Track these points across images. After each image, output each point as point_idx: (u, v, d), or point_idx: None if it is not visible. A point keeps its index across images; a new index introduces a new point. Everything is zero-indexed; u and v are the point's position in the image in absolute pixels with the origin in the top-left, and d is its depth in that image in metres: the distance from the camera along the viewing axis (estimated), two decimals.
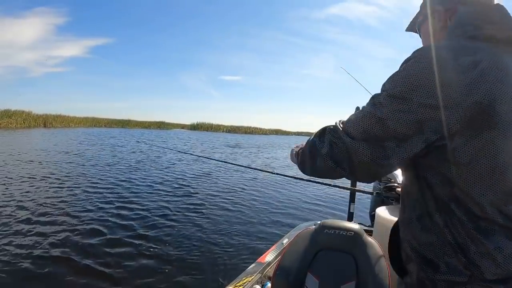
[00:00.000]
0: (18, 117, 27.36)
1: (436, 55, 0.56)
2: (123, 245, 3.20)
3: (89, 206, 4.46)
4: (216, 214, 4.51)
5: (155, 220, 4.02)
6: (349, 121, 0.64)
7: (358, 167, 0.61)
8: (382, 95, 0.61)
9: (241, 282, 1.58)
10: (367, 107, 0.63)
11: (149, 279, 2.61)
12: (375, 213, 1.95)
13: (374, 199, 2.78)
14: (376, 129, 0.58)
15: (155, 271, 2.76)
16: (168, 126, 47.87)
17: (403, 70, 0.60)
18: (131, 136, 23.80)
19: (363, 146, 0.59)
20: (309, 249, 1.23)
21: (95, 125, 38.23)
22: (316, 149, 0.67)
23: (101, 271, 2.66)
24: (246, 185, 6.87)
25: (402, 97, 0.57)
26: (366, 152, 0.59)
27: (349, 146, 0.60)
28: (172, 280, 2.63)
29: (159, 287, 2.54)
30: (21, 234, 3.32)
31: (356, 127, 0.61)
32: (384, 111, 0.58)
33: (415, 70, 0.57)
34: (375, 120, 0.59)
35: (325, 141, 0.65)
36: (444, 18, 0.72)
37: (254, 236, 3.71)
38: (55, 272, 2.61)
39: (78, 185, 5.78)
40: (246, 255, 3.10)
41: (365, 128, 0.59)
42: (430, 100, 0.55)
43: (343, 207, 5.03)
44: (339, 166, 0.62)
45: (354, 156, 0.60)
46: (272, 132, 57.90)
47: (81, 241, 3.21)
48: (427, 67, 0.56)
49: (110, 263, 2.80)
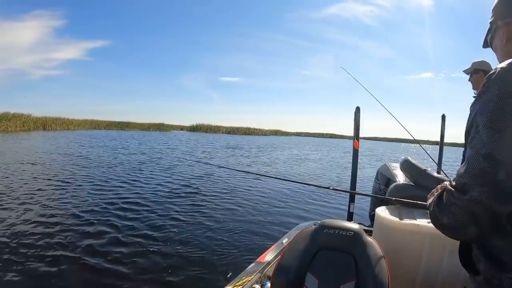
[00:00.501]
0: (18, 120, 27.29)
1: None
2: (124, 244, 3.21)
3: (97, 206, 4.48)
4: (216, 214, 4.50)
5: (154, 219, 4.02)
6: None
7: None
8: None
9: (241, 281, 1.58)
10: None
11: (149, 276, 2.63)
12: (375, 213, 1.95)
13: (374, 199, 2.78)
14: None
15: (155, 268, 2.77)
16: (167, 128, 47.78)
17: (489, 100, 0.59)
18: (132, 138, 23.77)
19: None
20: (308, 248, 1.23)
21: (95, 127, 38.20)
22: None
23: (103, 268, 2.71)
24: (245, 185, 6.86)
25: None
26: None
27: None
28: (172, 278, 2.64)
29: (159, 285, 2.55)
30: (28, 234, 3.34)
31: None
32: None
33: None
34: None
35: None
36: (508, 33, 0.72)
37: (254, 235, 3.71)
38: (65, 271, 2.66)
39: (87, 186, 5.80)
40: (245, 254, 3.10)
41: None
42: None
43: (343, 207, 5.03)
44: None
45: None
46: (271, 133, 57.88)
47: (87, 239, 3.24)
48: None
49: (111, 260, 2.84)
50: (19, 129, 26.35)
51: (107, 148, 14.29)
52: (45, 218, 3.93)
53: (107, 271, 2.70)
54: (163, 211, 4.54)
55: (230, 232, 3.80)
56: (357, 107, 2.49)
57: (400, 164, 2.31)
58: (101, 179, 6.71)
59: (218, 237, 3.61)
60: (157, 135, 30.70)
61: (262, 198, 5.80)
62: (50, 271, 2.65)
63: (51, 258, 2.88)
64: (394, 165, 2.61)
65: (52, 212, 4.22)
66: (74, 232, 3.51)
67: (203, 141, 24.23)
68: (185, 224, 3.99)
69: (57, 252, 2.99)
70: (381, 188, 2.58)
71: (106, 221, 3.94)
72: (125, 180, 6.78)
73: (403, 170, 2.26)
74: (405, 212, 1.89)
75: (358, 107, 2.49)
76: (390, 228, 1.73)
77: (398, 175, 2.47)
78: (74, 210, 4.36)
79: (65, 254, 2.97)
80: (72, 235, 3.42)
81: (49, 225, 3.71)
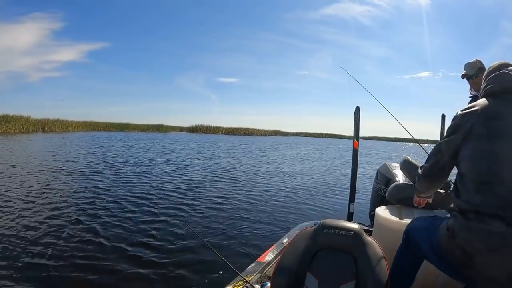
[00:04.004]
0: (17, 122, 27.22)
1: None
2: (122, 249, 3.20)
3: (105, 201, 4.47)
4: (216, 214, 4.50)
5: (149, 219, 4.03)
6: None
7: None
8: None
9: (241, 281, 1.57)
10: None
11: (150, 272, 2.62)
12: (375, 213, 1.95)
13: (373, 199, 2.78)
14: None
15: (155, 267, 2.77)
16: (166, 129, 47.70)
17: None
18: (139, 139, 23.73)
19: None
20: (309, 248, 1.23)
21: (94, 129, 38.10)
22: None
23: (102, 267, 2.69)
24: (245, 185, 6.86)
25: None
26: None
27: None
28: (172, 277, 2.65)
29: (159, 282, 2.56)
30: (34, 234, 3.32)
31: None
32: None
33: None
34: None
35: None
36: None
37: (254, 235, 3.71)
38: (81, 269, 2.68)
39: (93, 185, 5.79)
40: (245, 254, 3.09)
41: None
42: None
43: (343, 207, 5.03)
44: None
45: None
46: (271, 133, 57.83)
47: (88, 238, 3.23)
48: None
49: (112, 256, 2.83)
50: (19, 131, 26.29)
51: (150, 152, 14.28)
52: (52, 219, 3.93)
53: (105, 271, 2.70)
54: (162, 212, 4.54)
55: (230, 232, 3.80)
56: (357, 107, 2.49)
57: (400, 164, 2.31)
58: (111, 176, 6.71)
59: (218, 237, 3.61)
60: (160, 137, 30.65)
61: (262, 198, 5.80)
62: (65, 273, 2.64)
63: (62, 258, 2.86)
64: (394, 165, 2.61)
65: (62, 212, 4.23)
66: (89, 228, 3.53)
67: (222, 145, 24.07)
68: (187, 222, 3.98)
69: (67, 249, 2.99)
70: (381, 188, 2.58)
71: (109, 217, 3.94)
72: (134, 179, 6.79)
73: (403, 170, 2.26)
74: (405, 212, 1.89)
75: (358, 107, 2.50)
76: (390, 228, 1.73)
77: (398, 175, 2.47)
78: (85, 205, 4.37)
79: (79, 252, 2.98)
80: (87, 230, 3.44)
81: (59, 226, 3.70)
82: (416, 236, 1.21)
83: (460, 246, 0.92)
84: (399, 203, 2.09)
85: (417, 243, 1.20)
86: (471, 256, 0.89)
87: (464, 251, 0.91)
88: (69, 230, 3.62)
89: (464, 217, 0.93)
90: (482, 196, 0.92)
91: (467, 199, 0.96)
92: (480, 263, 0.87)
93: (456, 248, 0.94)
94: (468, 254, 0.90)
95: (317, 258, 1.21)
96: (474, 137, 0.98)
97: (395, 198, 2.11)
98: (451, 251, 0.96)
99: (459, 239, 0.93)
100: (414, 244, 1.22)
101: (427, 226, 1.15)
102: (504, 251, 0.84)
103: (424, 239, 1.14)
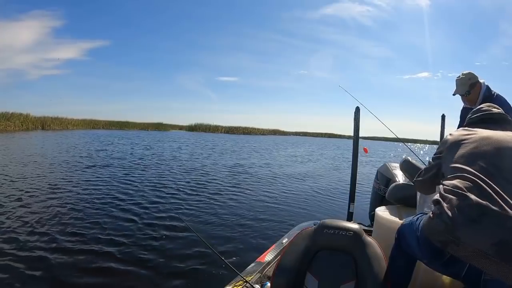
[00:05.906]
0: (16, 120, 27.20)
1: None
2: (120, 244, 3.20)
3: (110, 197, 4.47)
4: (215, 213, 4.50)
5: (145, 217, 4.03)
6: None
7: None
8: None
9: (241, 281, 1.57)
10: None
11: (150, 272, 2.63)
12: (375, 213, 1.95)
13: (373, 199, 2.78)
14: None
15: (155, 266, 2.77)
16: (166, 128, 47.61)
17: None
18: (139, 137, 23.72)
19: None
20: (308, 248, 1.23)
21: (93, 127, 38.02)
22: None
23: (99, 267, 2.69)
24: (245, 185, 6.87)
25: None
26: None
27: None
28: (172, 277, 2.65)
29: (158, 282, 2.56)
30: (36, 234, 3.33)
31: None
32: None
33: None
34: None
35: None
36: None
37: (254, 235, 3.71)
38: (80, 266, 2.68)
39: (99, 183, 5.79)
40: (245, 254, 3.09)
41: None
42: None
43: (343, 207, 5.03)
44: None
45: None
46: (270, 132, 57.80)
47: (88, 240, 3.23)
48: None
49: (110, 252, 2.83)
50: (18, 128, 26.26)
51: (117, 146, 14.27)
52: (57, 217, 3.93)
53: (102, 270, 2.70)
54: (161, 211, 4.54)
55: (230, 232, 3.79)
56: (357, 107, 2.49)
57: (400, 164, 2.31)
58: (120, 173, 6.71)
59: (218, 236, 3.61)
60: (161, 135, 30.63)
61: (262, 198, 5.80)
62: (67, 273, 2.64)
63: (66, 255, 2.87)
64: (394, 165, 2.61)
65: (67, 211, 4.22)
66: (95, 224, 3.54)
67: (228, 145, 24.08)
68: (183, 224, 3.98)
69: (72, 246, 2.99)
70: (381, 188, 2.58)
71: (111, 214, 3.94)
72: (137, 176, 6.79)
73: (403, 170, 2.26)
74: (405, 212, 1.89)
75: (358, 107, 2.50)
76: (390, 228, 1.73)
77: (398, 175, 2.47)
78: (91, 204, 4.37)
79: (87, 248, 2.98)
80: (94, 227, 3.44)
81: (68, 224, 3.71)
82: (405, 232, 1.22)
83: (443, 222, 0.95)
84: (399, 203, 2.09)
85: (406, 240, 1.21)
86: (454, 229, 0.91)
87: (447, 226, 0.93)
88: (66, 226, 3.62)
89: (444, 198, 0.98)
90: (458, 178, 1.00)
91: (446, 183, 1.03)
92: (464, 236, 0.90)
93: (439, 225, 0.96)
94: (452, 228, 0.92)
95: (317, 258, 1.21)
96: (454, 145, 1.14)
97: (395, 198, 2.11)
98: (435, 230, 0.98)
99: (442, 217, 0.95)
100: (404, 242, 1.23)
101: (414, 221, 1.16)
102: (484, 220, 0.88)
103: (411, 232, 1.15)
